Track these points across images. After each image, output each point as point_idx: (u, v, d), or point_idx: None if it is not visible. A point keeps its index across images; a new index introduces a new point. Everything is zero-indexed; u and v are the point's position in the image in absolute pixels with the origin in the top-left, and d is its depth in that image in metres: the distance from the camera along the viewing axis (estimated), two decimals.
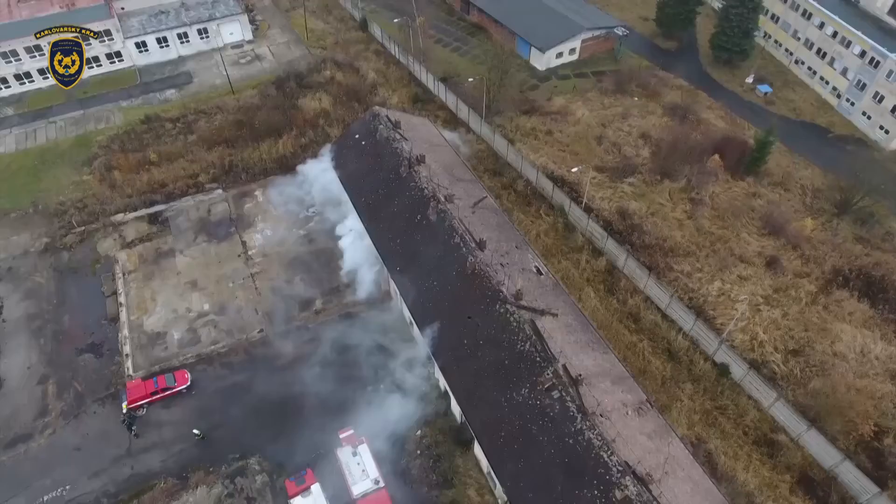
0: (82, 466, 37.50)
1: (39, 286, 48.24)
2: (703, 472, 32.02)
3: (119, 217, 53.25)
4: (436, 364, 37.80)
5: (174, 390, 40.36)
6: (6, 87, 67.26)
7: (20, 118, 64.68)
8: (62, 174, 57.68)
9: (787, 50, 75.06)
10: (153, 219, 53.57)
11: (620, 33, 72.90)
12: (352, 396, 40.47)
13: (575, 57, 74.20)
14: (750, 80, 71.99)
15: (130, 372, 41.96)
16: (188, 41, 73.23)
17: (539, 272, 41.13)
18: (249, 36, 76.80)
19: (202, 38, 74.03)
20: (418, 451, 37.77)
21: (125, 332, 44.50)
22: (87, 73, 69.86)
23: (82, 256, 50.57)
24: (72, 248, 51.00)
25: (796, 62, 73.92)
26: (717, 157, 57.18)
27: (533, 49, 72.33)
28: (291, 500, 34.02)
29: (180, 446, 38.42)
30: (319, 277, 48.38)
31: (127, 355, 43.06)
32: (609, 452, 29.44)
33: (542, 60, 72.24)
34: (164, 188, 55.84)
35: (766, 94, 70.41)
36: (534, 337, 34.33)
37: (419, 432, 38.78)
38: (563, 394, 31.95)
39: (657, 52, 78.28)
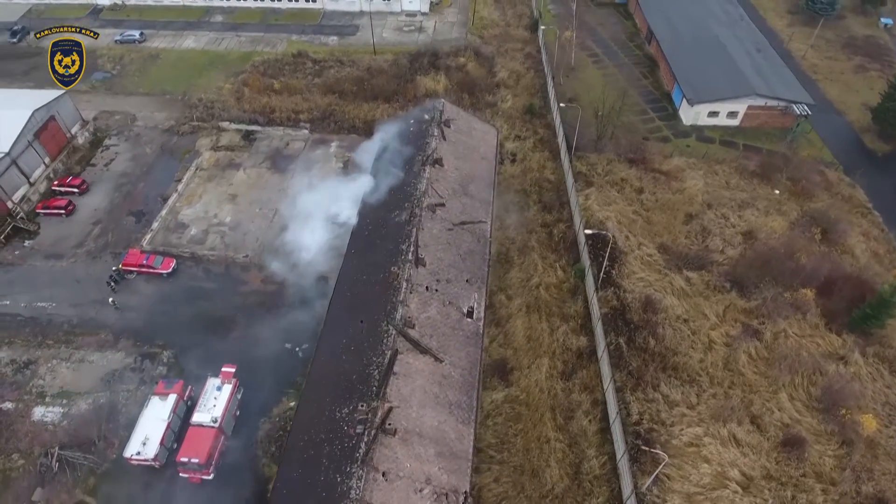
0: (71, 295, 46.63)
1: (144, 154, 59.63)
2: None
3: (225, 124, 62.43)
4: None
5: (156, 271, 47.24)
6: (227, 0, 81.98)
7: (221, 26, 78.70)
8: (214, 78, 69.21)
9: None
10: (246, 135, 61.64)
11: (798, 111, 59.28)
12: (270, 345, 42.72)
13: (735, 122, 62.76)
14: None
15: (143, 243, 50.08)
16: None
17: (469, 315, 37.78)
18: (426, 9, 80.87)
19: (385, 0, 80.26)
20: (277, 418, 38.74)
21: (163, 212, 52.91)
22: (286, 4, 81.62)
23: (183, 144, 60.88)
24: (181, 135, 61.66)
25: None
26: (808, 291, 44.33)
27: (684, 99, 63.12)
28: (150, 397, 38.01)
29: (133, 314, 45.20)
30: None
31: (151, 230, 51.37)
32: None
33: (690, 114, 62.73)
34: (272, 114, 63.47)
35: None
36: (384, 367, 32.22)
37: (292, 404, 39.58)
38: (366, 434, 29.78)
39: (856, 150, 62.16)
